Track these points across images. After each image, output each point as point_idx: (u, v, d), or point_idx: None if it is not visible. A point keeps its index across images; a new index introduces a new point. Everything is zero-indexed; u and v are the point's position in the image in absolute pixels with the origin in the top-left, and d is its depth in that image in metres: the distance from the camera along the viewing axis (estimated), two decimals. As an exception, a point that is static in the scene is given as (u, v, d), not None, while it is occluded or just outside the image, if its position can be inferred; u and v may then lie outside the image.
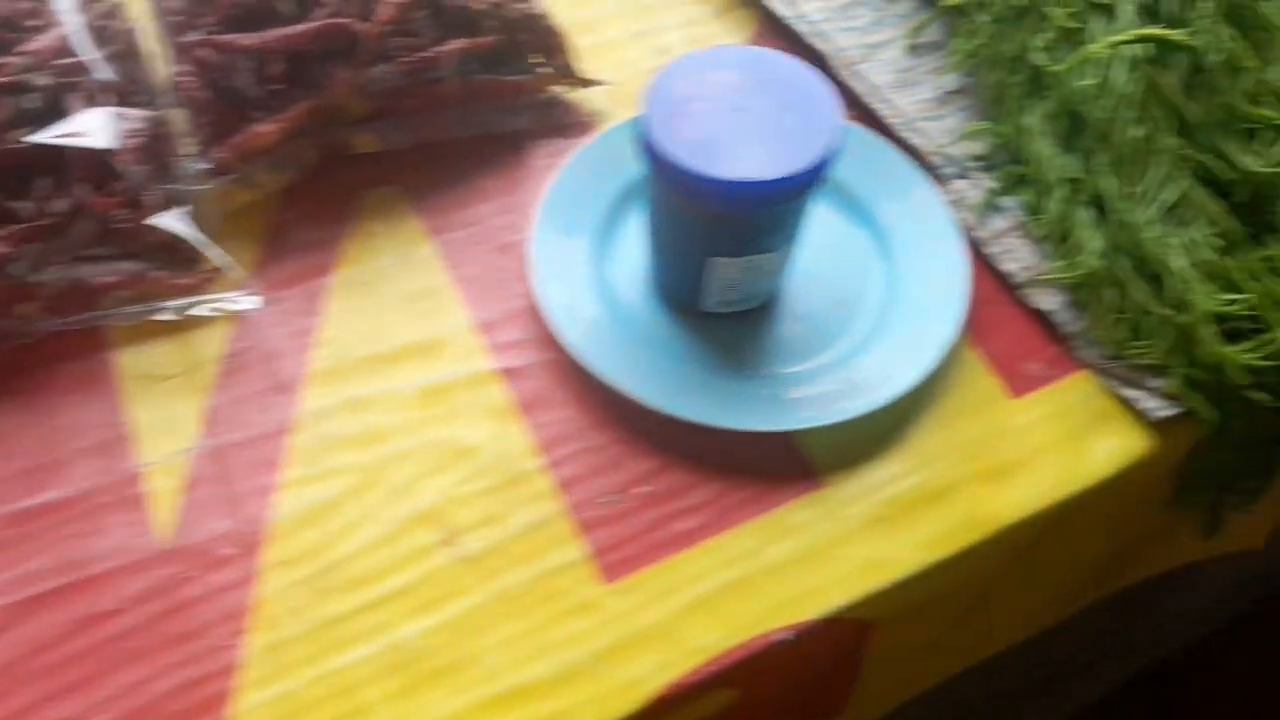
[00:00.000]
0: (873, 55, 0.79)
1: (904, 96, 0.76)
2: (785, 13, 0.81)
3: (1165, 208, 0.64)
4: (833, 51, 0.78)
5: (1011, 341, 0.67)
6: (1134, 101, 0.65)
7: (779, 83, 0.60)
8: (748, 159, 0.57)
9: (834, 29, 0.80)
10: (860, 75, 0.77)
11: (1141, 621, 1.01)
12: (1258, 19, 0.66)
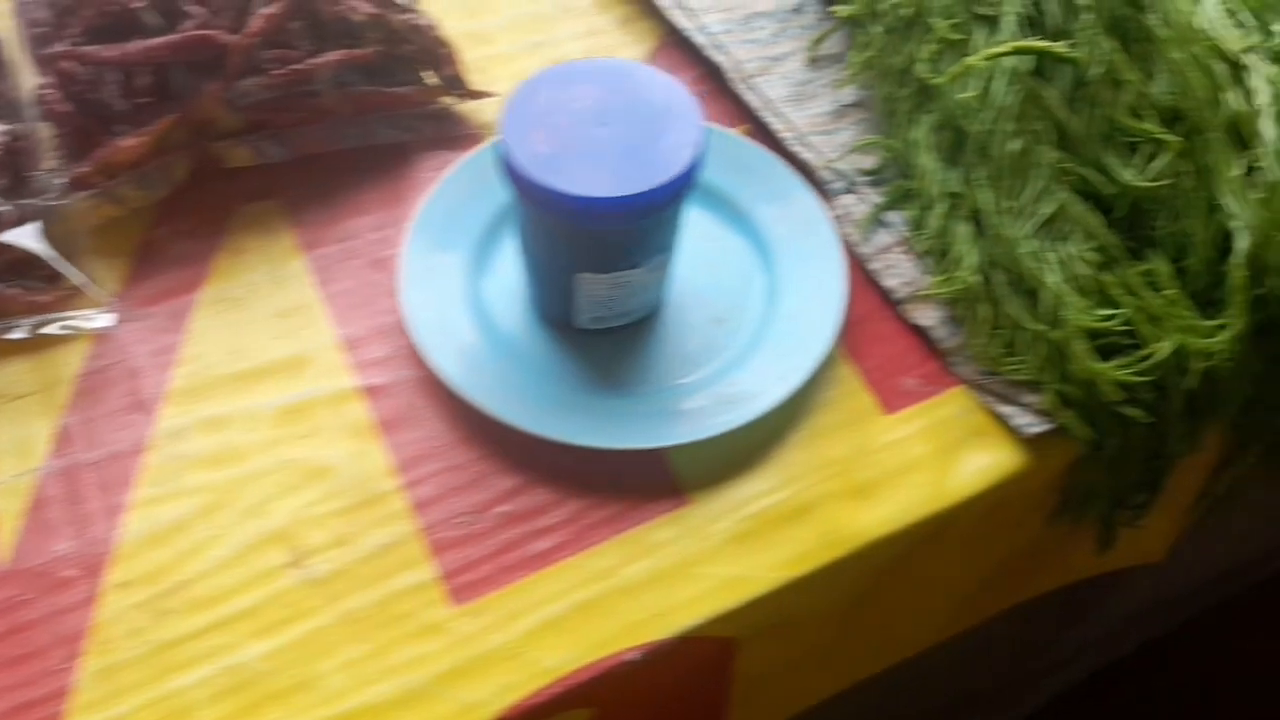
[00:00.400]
0: (772, 68, 0.78)
1: (799, 110, 0.75)
2: (685, 24, 0.80)
3: (1042, 222, 0.63)
4: (730, 64, 0.77)
5: (889, 357, 0.66)
6: (1013, 114, 0.64)
7: (642, 97, 0.59)
8: (606, 175, 0.56)
9: (734, 41, 0.79)
10: (756, 89, 0.76)
11: (1067, 633, 1.00)
12: (1141, 31, 0.65)
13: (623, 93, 0.59)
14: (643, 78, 0.60)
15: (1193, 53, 0.64)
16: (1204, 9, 0.66)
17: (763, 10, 0.81)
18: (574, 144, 0.57)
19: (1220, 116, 0.63)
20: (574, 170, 0.56)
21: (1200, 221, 0.63)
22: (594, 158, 0.57)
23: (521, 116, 0.58)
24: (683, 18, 0.80)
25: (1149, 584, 0.93)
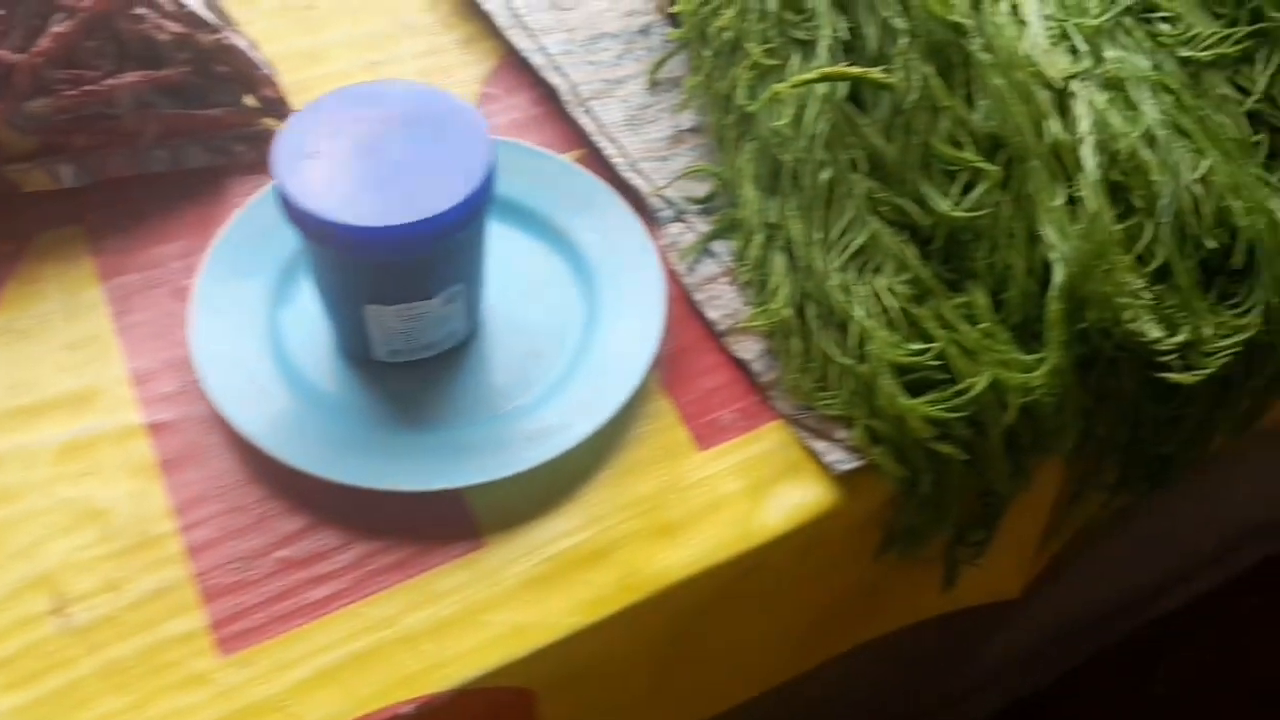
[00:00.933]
0: (612, 91, 0.76)
1: (635, 135, 0.73)
2: (524, 45, 0.78)
3: (852, 253, 0.61)
4: (567, 87, 0.75)
5: (709, 391, 0.64)
6: (824, 143, 0.62)
7: (429, 122, 0.57)
8: (382, 204, 0.54)
9: (575, 62, 0.77)
10: (593, 112, 0.74)
11: (957, 671, 0.98)
12: (962, 57, 0.63)
13: (407, 117, 0.57)
14: (429, 101, 0.58)
15: (1015, 79, 0.63)
16: (1030, 35, 0.64)
17: (608, 31, 0.79)
18: (351, 171, 0.55)
19: (1041, 145, 0.62)
20: (349, 199, 0.54)
21: (1019, 253, 0.61)
22: (371, 185, 0.55)
23: (296, 142, 0.56)
24: (523, 38, 0.78)
25: (1050, 612, 0.92)
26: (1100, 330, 0.61)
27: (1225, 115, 0.68)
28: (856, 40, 0.64)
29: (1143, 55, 0.68)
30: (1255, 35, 0.69)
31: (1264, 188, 0.67)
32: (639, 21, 0.80)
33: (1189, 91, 0.67)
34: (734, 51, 0.68)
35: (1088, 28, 0.67)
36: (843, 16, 0.64)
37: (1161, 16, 0.70)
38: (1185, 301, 0.64)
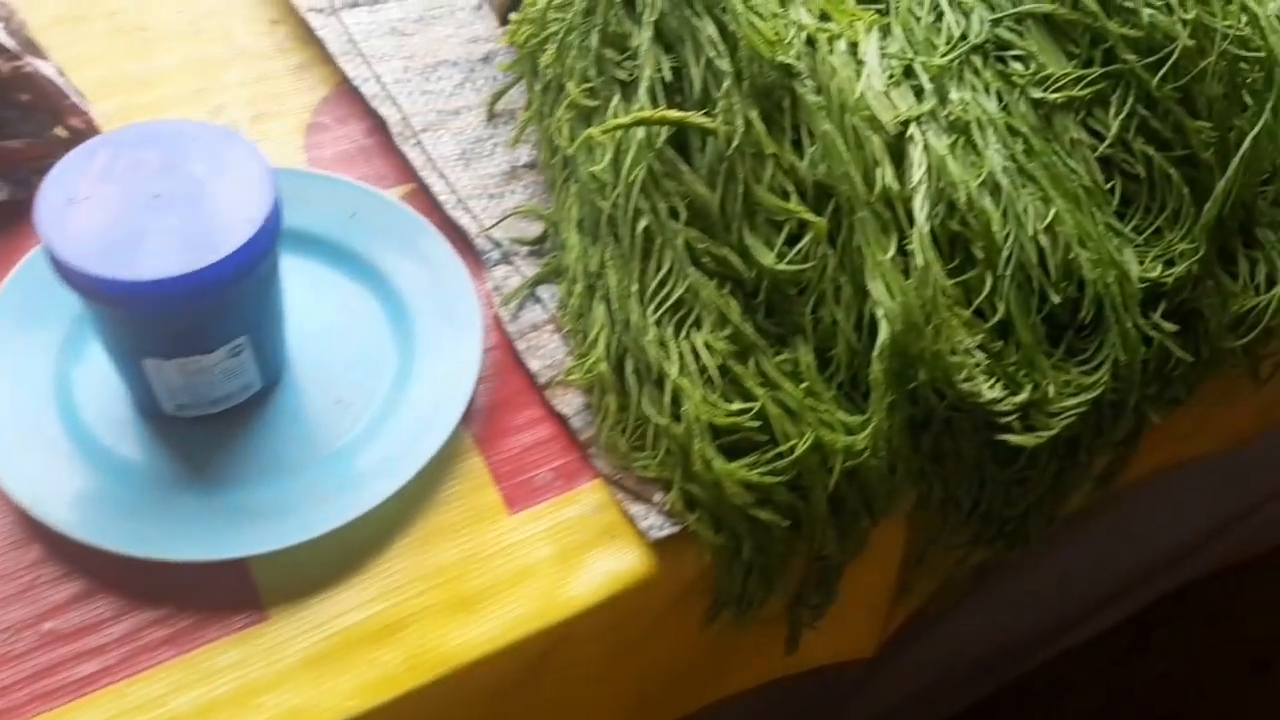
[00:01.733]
0: (447, 122, 0.72)
1: (467, 170, 0.70)
2: (356, 73, 0.74)
3: (670, 307, 0.58)
4: (397, 119, 0.71)
5: (525, 448, 0.60)
6: (642, 189, 0.59)
7: (207, 165, 0.53)
8: (148, 255, 0.50)
9: (410, 92, 0.73)
10: (422, 146, 0.70)
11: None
12: (791, 99, 0.60)
13: (184, 159, 0.53)
14: (210, 141, 0.54)
15: (847, 124, 0.60)
16: (866, 76, 0.61)
17: (449, 59, 0.76)
18: (119, 219, 0.51)
19: (872, 195, 0.59)
20: (113, 250, 0.50)
21: (846, 308, 0.58)
22: (140, 235, 0.51)
23: (63, 187, 0.52)
24: (356, 65, 0.74)
25: (914, 669, 0.89)
26: (933, 390, 0.58)
27: (1077, 160, 0.65)
28: (681, 81, 0.61)
29: (992, 96, 0.65)
30: (1109, 77, 0.66)
31: (1115, 238, 0.64)
32: (482, 49, 0.76)
33: (1039, 135, 0.65)
34: (560, 89, 0.65)
35: (933, 67, 0.64)
36: (667, 55, 0.61)
37: (1014, 55, 0.67)
38: (1027, 359, 0.61)
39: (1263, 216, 0.70)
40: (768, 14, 0.61)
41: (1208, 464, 0.88)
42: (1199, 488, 0.93)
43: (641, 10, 0.61)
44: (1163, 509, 0.94)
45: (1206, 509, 1.02)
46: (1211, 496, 0.99)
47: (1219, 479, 0.94)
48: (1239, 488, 1.01)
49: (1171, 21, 0.64)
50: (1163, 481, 0.84)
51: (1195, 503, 0.97)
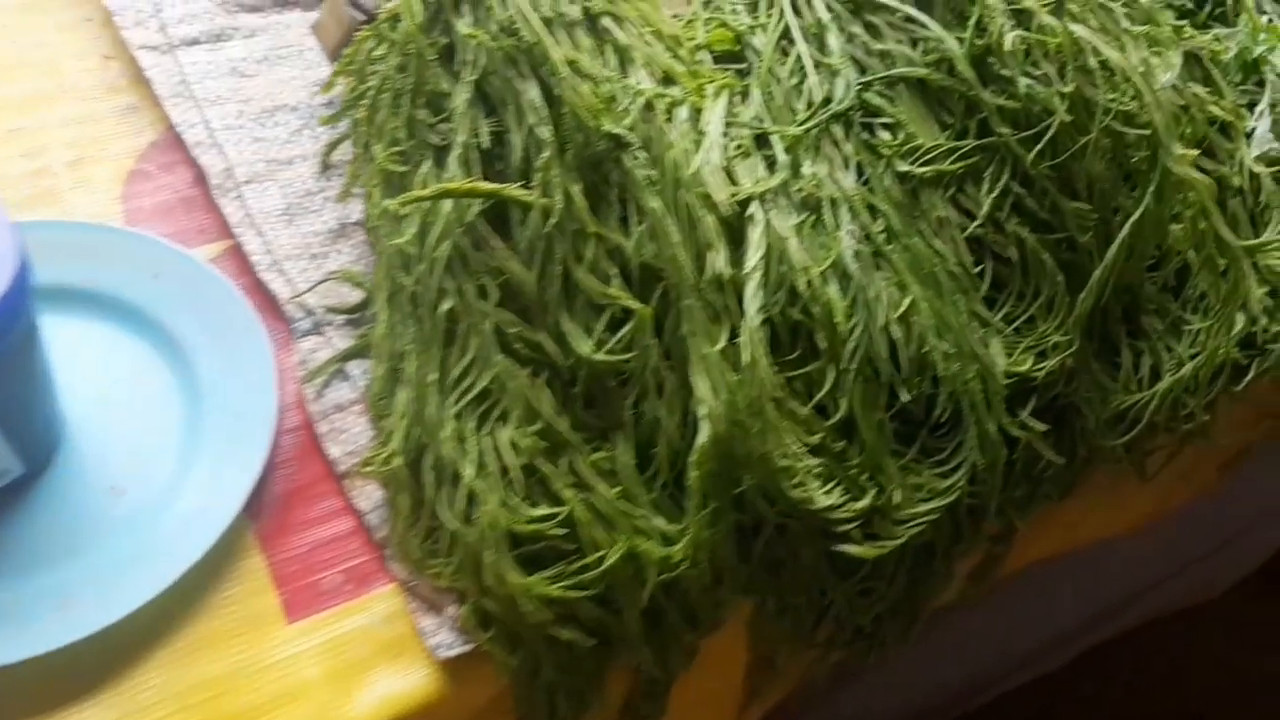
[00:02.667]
0: (276, 173, 0.66)
1: (290, 227, 0.64)
2: (181, 118, 0.68)
3: (475, 397, 0.52)
4: (217, 169, 0.66)
5: (316, 546, 0.55)
6: (447, 266, 0.53)
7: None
8: None
9: (239, 139, 0.68)
10: (242, 200, 0.65)
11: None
12: (622, 175, 0.54)
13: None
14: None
15: (681, 201, 0.54)
16: (707, 147, 0.56)
17: (288, 103, 0.70)
18: None
19: (702, 280, 0.53)
20: None
21: (670, 404, 0.53)
22: None
23: None
24: (185, 109, 0.69)
25: None
26: (763, 495, 0.53)
27: (943, 241, 0.60)
28: (504, 147, 0.55)
29: (850, 170, 0.60)
30: (983, 150, 0.61)
31: (980, 328, 0.59)
32: (324, 94, 0.70)
33: (902, 213, 0.59)
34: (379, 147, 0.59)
35: (788, 137, 0.59)
36: (489, 119, 0.55)
37: (884, 122, 0.62)
38: (872, 461, 0.56)
39: (1149, 304, 0.65)
40: (601, 77, 0.56)
41: (1107, 545, 0.82)
42: (1097, 570, 0.88)
43: (460, 68, 0.55)
44: (1060, 588, 0.89)
45: (1112, 585, 0.97)
46: (1115, 575, 0.94)
47: (1121, 559, 0.89)
48: (1144, 567, 0.96)
49: (1050, 94, 0.59)
50: (1054, 566, 0.79)
51: (1096, 582, 0.92)
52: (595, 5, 0.58)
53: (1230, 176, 0.68)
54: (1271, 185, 0.69)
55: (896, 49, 0.62)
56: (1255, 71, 0.72)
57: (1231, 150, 0.69)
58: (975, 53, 0.61)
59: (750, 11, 0.66)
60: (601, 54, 0.58)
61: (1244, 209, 0.69)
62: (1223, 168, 0.69)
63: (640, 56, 0.58)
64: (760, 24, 0.64)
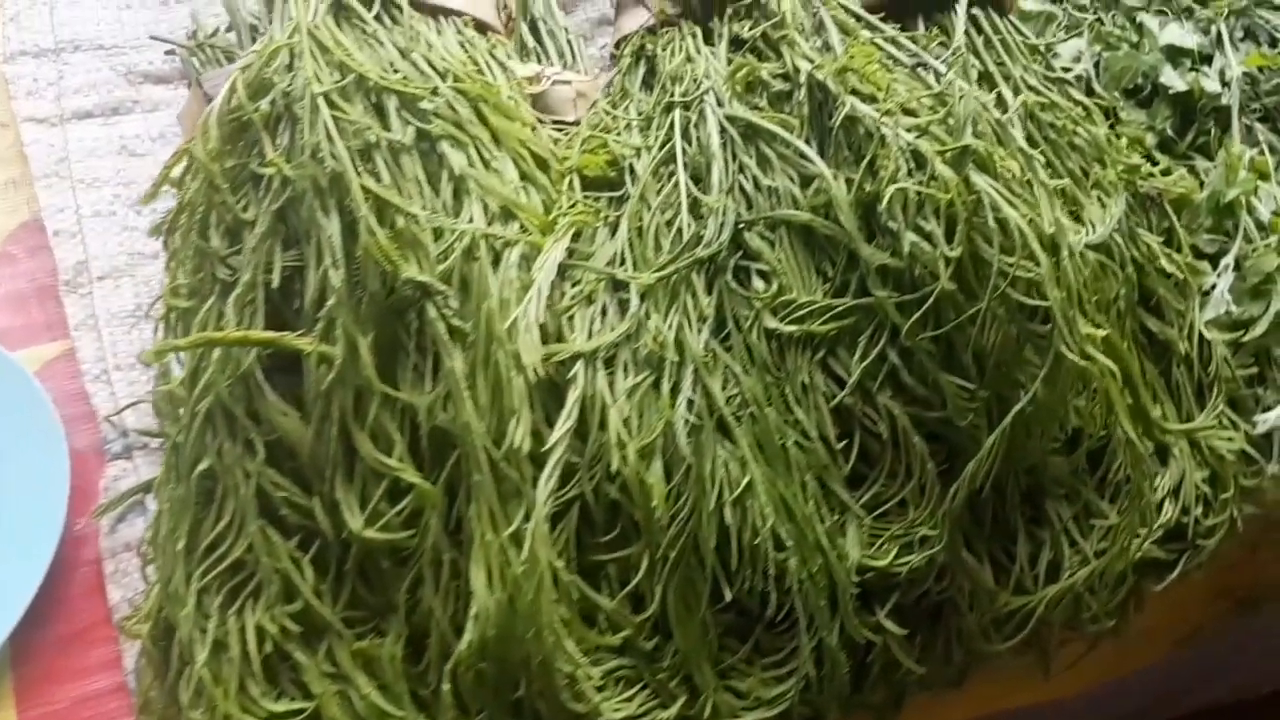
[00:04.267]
0: (137, 268, 0.64)
1: (134, 331, 0.61)
2: (50, 201, 0.66)
3: (229, 569, 0.48)
4: (70, 263, 0.63)
5: (75, 703, 0.51)
6: (209, 419, 0.49)
7: None
8: None
9: (106, 228, 0.65)
10: (91, 297, 0.62)
11: None
12: (425, 326, 0.49)
13: None
14: None
15: (494, 358, 0.49)
16: (532, 297, 0.50)
17: (171, 189, 0.66)
18: None
19: (499, 453, 0.48)
20: None
21: (445, 592, 0.48)
22: None
23: None
24: (57, 191, 0.66)
25: None
26: (545, 701, 0.48)
27: (806, 411, 0.53)
28: (298, 285, 0.50)
29: (705, 327, 0.53)
30: (863, 310, 0.54)
31: (835, 514, 0.52)
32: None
33: (762, 376, 0.53)
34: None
35: (643, 283, 0.53)
36: (290, 251, 0.50)
37: (759, 269, 0.55)
38: (687, 663, 0.50)
39: (1058, 486, 0.57)
40: (418, 214, 0.50)
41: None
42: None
43: (265, 194, 0.51)
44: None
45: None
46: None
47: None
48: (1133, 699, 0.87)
49: (934, 256, 0.51)
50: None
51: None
52: (436, 127, 0.53)
53: (1176, 342, 0.60)
54: (1224, 352, 0.60)
55: (785, 187, 0.56)
56: (1230, 215, 0.63)
57: (1182, 310, 0.61)
58: (864, 199, 0.54)
59: (643, 129, 0.60)
60: (434, 184, 0.52)
61: (1190, 379, 0.60)
62: (1169, 330, 0.60)
63: (476, 188, 0.52)
64: (646, 145, 0.58)
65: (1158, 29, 0.71)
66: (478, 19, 0.61)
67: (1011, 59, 0.63)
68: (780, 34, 0.60)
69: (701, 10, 0.63)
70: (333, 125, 0.50)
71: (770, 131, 0.57)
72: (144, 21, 0.74)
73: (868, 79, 0.56)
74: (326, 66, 0.53)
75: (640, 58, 0.64)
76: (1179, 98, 0.68)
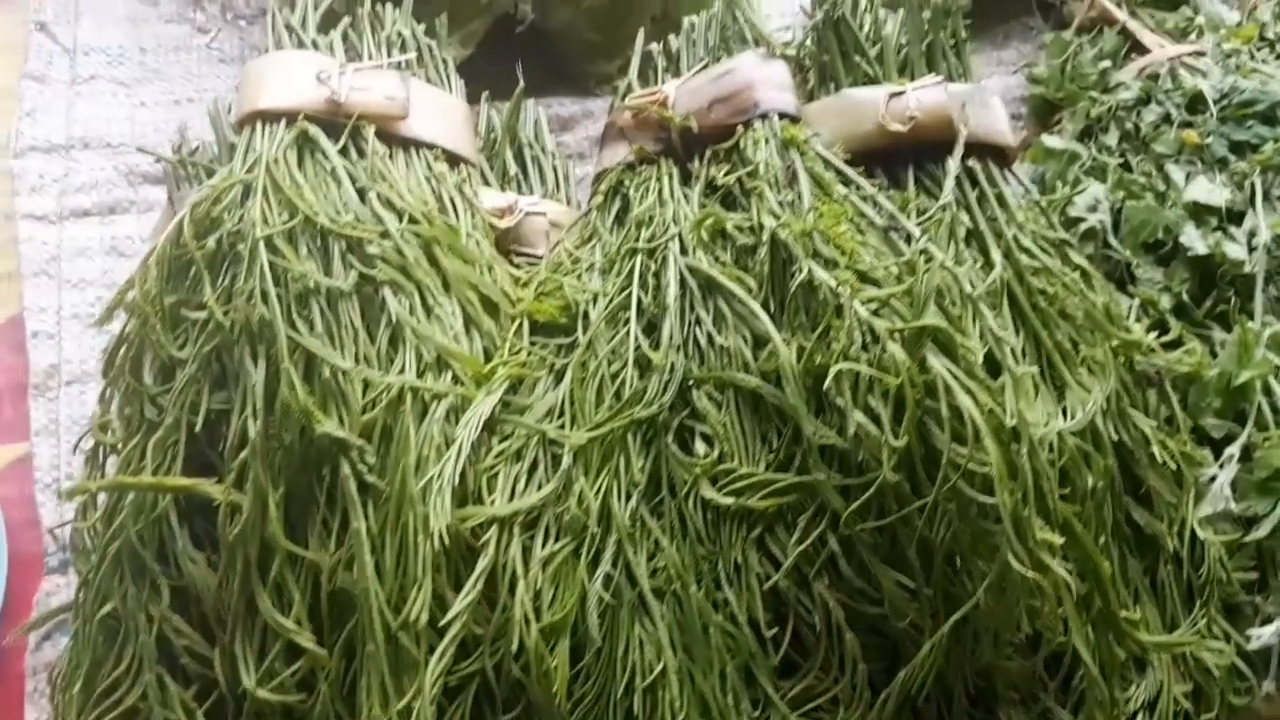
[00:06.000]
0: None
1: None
2: (34, 300, 0.67)
3: (122, 715, 0.47)
4: (42, 366, 0.64)
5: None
6: (116, 562, 0.48)
7: None
8: None
9: (83, 330, 0.66)
10: (57, 402, 0.63)
11: None
12: (337, 484, 0.48)
13: None
14: None
15: (405, 520, 0.47)
16: (451, 455, 0.49)
17: (151, 293, 0.67)
18: None
19: (398, 623, 0.46)
20: None
21: (328, 765, 0.46)
22: None
23: None
24: (41, 290, 0.67)
25: None
26: None
27: (736, 592, 0.50)
28: (224, 427, 0.50)
29: (634, 494, 0.51)
30: (803, 488, 0.51)
31: (752, 709, 0.49)
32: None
33: (693, 548, 0.50)
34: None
35: (574, 443, 0.51)
36: (218, 393, 0.50)
37: (704, 431, 0.53)
38: None
39: (1012, 692, 0.53)
40: (365, 357, 0.50)
41: None
42: None
43: (198, 335, 0.50)
44: None
45: None
46: None
47: None
48: None
49: (877, 442, 0.48)
50: None
51: None
52: (379, 272, 0.52)
53: (1164, 537, 0.55)
54: (1219, 553, 0.55)
55: (737, 347, 0.53)
56: (1242, 398, 0.59)
57: (1175, 503, 0.56)
58: (814, 370, 0.51)
59: (605, 272, 0.58)
60: (372, 330, 0.51)
61: (1178, 580, 0.55)
62: (1157, 524, 0.56)
63: (412, 336, 0.51)
64: (604, 291, 0.56)
65: (1184, 181, 0.67)
66: (449, 151, 0.60)
67: (1006, 216, 0.59)
68: (752, 184, 0.57)
69: (682, 149, 0.62)
70: (269, 271, 0.50)
71: (727, 289, 0.55)
72: (154, 121, 0.75)
73: (833, 241, 0.54)
74: (278, 206, 0.53)
75: (616, 194, 0.62)
76: (1199, 260, 0.64)
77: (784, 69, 0.63)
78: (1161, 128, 0.71)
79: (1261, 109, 0.69)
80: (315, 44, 0.62)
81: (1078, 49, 0.80)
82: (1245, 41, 0.76)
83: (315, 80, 0.58)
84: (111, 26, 0.81)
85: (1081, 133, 0.75)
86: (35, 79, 0.76)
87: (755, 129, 0.60)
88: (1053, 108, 0.79)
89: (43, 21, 0.80)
